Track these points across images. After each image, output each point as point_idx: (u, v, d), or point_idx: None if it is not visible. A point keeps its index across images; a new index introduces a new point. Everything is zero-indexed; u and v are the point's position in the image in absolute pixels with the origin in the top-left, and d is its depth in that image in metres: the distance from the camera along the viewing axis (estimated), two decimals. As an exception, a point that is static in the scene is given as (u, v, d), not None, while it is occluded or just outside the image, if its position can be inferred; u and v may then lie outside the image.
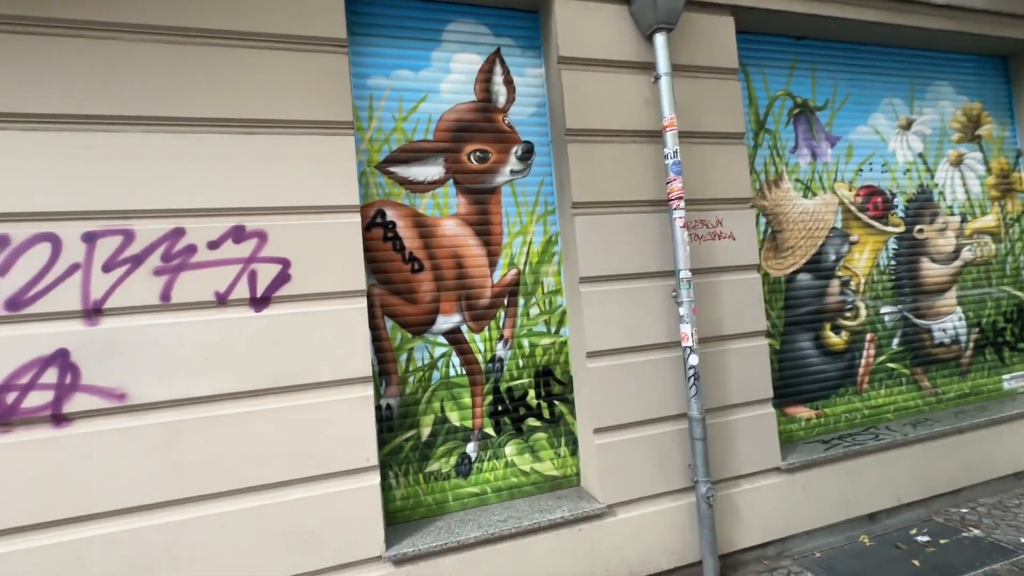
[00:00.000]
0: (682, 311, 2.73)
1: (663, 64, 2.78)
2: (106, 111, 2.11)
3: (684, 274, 2.72)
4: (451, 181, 2.81)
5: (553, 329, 2.93)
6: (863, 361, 3.62)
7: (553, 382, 2.92)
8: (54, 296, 2.04)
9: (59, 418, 2.03)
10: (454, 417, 2.74)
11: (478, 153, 2.86)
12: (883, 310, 3.69)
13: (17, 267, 2.01)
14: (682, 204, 2.72)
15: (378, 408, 2.62)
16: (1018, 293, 4.12)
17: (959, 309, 3.92)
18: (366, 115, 2.70)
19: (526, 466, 2.84)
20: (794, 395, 3.43)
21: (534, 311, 2.91)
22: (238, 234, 2.25)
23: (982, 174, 4.10)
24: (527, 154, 2.94)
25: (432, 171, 2.78)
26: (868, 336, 3.63)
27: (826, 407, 3.50)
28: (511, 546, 2.52)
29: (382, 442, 2.62)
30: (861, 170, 3.72)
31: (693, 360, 2.71)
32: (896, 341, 3.71)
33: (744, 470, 2.96)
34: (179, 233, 2.18)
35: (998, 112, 4.21)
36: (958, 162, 4.03)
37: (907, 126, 3.88)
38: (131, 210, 2.13)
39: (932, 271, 3.85)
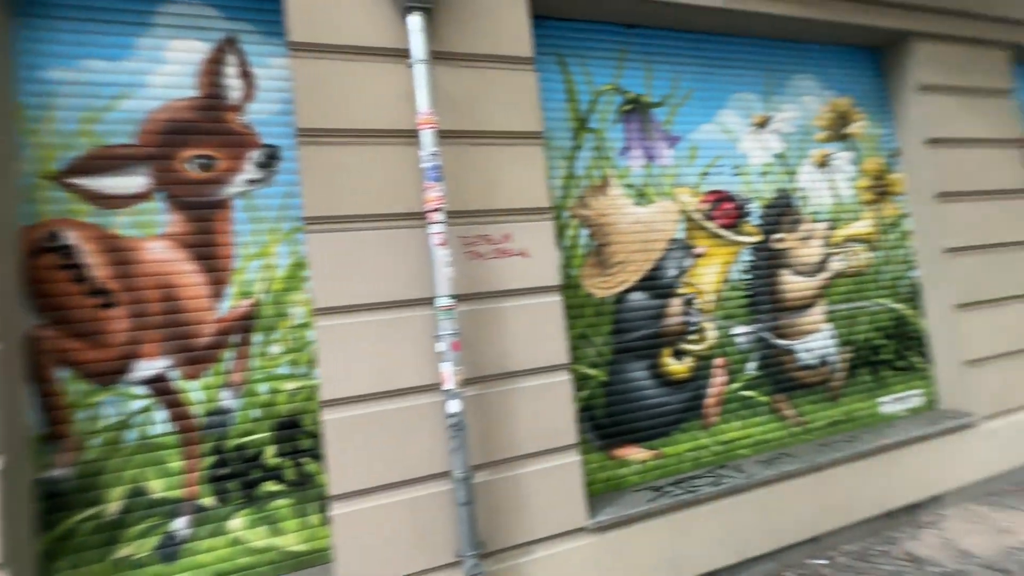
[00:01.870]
0: (440, 347, 2.24)
1: (418, 49, 2.32)
2: None
3: (443, 301, 2.24)
4: (161, 194, 2.29)
5: (302, 371, 2.42)
6: (711, 390, 3.17)
7: (301, 436, 2.41)
8: None
9: None
10: (156, 487, 2.19)
11: (200, 160, 2.35)
12: (735, 331, 3.25)
13: None
14: (440, 216, 2.25)
15: (42, 483, 2.07)
16: (896, 306, 3.73)
17: (828, 326, 3.51)
18: (38, 115, 2.17)
19: (261, 541, 2.30)
20: (625, 434, 2.96)
21: (276, 349, 2.39)
22: None
23: (853, 176, 3.72)
24: (270, 160, 2.45)
25: (133, 182, 2.26)
26: (717, 361, 3.19)
27: (666, 446, 3.04)
28: (199, 657, 1.98)
29: (48, 525, 2.06)
30: (707, 173, 3.30)
31: (454, 407, 2.22)
32: (752, 365, 3.28)
33: (537, 534, 2.46)
34: None
35: (871, 108, 3.84)
36: (825, 163, 3.64)
37: (763, 124, 3.47)
38: None
39: (795, 285, 3.43)
